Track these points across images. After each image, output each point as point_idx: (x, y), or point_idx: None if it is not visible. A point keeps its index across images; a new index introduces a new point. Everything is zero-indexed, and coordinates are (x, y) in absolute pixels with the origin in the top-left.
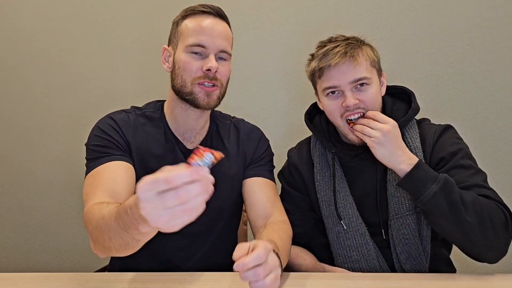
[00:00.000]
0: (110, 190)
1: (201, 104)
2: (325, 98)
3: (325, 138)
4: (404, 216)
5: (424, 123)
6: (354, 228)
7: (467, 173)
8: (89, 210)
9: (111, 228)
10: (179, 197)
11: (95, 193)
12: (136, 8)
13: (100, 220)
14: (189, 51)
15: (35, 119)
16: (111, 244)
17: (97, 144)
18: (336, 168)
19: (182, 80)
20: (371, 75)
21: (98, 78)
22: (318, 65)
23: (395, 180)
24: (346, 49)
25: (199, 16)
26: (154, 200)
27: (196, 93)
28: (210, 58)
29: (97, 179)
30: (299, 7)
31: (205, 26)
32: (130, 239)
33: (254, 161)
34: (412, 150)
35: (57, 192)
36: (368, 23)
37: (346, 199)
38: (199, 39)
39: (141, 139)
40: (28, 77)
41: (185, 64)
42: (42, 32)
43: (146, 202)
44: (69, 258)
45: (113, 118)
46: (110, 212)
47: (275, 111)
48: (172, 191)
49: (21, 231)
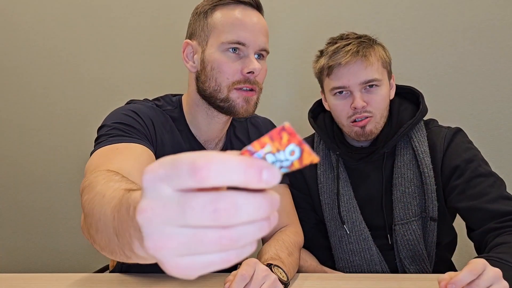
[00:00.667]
0: (128, 170)
1: (240, 112)
2: (333, 97)
3: (329, 139)
4: (410, 222)
5: (432, 125)
6: (357, 233)
7: (488, 183)
8: (91, 176)
9: (103, 217)
10: (217, 210)
11: (97, 164)
12: (137, 4)
13: (98, 196)
14: (226, 49)
15: (35, 119)
16: (96, 237)
17: (119, 122)
18: (340, 170)
19: (216, 84)
20: (382, 77)
21: (98, 77)
22: (327, 62)
23: (401, 185)
24: (358, 48)
25: (236, 7)
26: (167, 202)
27: (233, 99)
28: (251, 59)
29: (104, 154)
30: (299, 6)
31: (245, 20)
32: (118, 249)
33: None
34: (419, 155)
35: (57, 192)
36: (368, 23)
37: (349, 202)
38: (238, 35)
39: (165, 139)
40: (28, 77)
41: (221, 65)
42: (41, 31)
43: (150, 202)
44: (69, 258)
45: (141, 107)
46: (113, 194)
47: (275, 110)
48: (205, 194)
49: (21, 231)
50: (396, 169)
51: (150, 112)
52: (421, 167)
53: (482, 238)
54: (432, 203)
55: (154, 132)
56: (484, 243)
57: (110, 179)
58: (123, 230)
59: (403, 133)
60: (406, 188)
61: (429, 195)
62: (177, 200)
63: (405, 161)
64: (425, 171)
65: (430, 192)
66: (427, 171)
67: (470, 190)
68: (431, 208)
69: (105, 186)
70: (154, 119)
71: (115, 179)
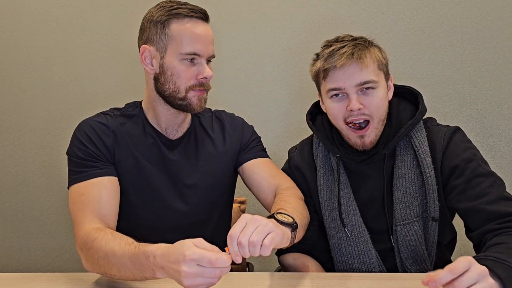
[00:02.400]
0: (97, 213)
1: (195, 109)
2: (329, 100)
3: (328, 141)
4: (411, 223)
5: (431, 124)
6: (356, 236)
7: (488, 183)
8: (90, 237)
9: (123, 265)
10: (215, 274)
11: (84, 215)
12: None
13: (110, 254)
14: (183, 58)
15: (35, 119)
16: (118, 275)
17: (77, 156)
18: (340, 173)
19: (175, 87)
20: (378, 79)
21: (96, 77)
22: (323, 65)
23: (402, 185)
24: (353, 50)
25: (190, 21)
26: (194, 269)
27: (190, 98)
28: (204, 66)
29: (82, 201)
30: (299, 7)
31: (200, 34)
32: (140, 277)
33: (244, 147)
34: (420, 155)
35: (57, 192)
36: (368, 23)
37: (349, 205)
38: (195, 48)
39: (122, 139)
40: (27, 78)
41: (180, 72)
42: (39, 32)
43: (187, 268)
44: (69, 258)
45: (91, 125)
46: (122, 249)
47: (275, 111)
48: (212, 269)
49: (21, 231)
50: (397, 170)
51: (99, 127)
52: (422, 167)
53: (480, 239)
54: (434, 203)
55: (104, 143)
56: (483, 243)
57: (107, 240)
58: (147, 268)
59: (403, 133)
60: (407, 188)
61: (430, 195)
62: (200, 269)
63: (405, 161)
64: (426, 171)
65: (431, 192)
66: (428, 171)
67: (470, 191)
68: (433, 208)
69: (109, 246)
70: (103, 131)
71: (112, 239)
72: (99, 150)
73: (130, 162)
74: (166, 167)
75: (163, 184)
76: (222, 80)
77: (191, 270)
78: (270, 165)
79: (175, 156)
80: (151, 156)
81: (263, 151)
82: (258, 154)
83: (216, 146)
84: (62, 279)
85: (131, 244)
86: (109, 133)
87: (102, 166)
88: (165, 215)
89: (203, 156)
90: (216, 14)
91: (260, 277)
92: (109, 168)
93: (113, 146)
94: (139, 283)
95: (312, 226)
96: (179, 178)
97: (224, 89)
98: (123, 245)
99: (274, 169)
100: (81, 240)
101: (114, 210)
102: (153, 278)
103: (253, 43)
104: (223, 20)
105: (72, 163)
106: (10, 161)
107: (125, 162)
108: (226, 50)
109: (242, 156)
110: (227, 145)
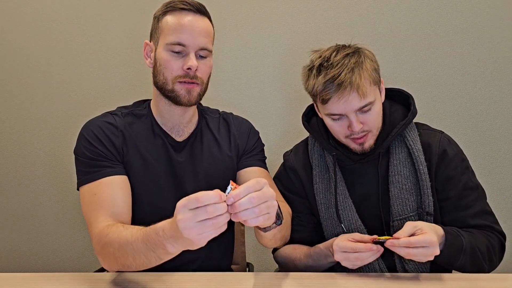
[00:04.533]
0: (110, 211)
1: (182, 101)
2: (328, 119)
3: (324, 141)
4: (408, 218)
5: (422, 128)
6: (353, 231)
7: (474, 195)
8: (103, 233)
9: (136, 249)
10: (207, 212)
11: (97, 215)
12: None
13: (124, 243)
14: (169, 49)
15: (35, 119)
16: (134, 263)
17: (86, 156)
18: (336, 171)
19: (164, 78)
20: (375, 96)
21: (99, 78)
22: (320, 95)
23: (398, 181)
24: (351, 77)
25: (179, 13)
26: (188, 214)
27: (177, 90)
28: (190, 57)
29: (94, 201)
30: (298, 7)
31: (185, 24)
32: (154, 258)
33: (246, 152)
34: (414, 153)
35: (57, 192)
36: (367, 23)
37: (345, 201)
38: (179, 37)
39: (131, 139)
40: (27, 78)
41: (166, 63)
42: (39, 32)
43: (181, 215)
44: (69, 258)
45: (99, 125)
46: (134, 234)
47: (274, 111)
48: (202, 207)
49: (21, 231)
50: (392, 167)
51: (106, 127)
52: (416, 164)
53: None
54: (428, 198)
55: (113, 143)
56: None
57: (120, 231)
58: (158, 243)
59: (396, 133)
60: (403, 184)
61: (424, 190)
62: (191, 212)
63: (400, 159)
64: (420, 168)
65: (425, 188)
66: (422, 168)
67: (458, 202)
68: (427, 203)
69: (122, 235)
70: (111, 132)
71: (123, 230)
72: (108, 149)
73: (139, 163)
74: (173, 169)
75: (170, 186)
76: (222, 80)
77: (184, 216)
78: (266, 177)
79: (182, 158)
80: (159, 158)
81: (261, 161)
82: (257, 163)
83: (222, 149)
84: (63, 279)
85: (142, 229)
86: (118, 134)
87: (113, 165)
88: (171, 216)
89: (208, 159)
90: (216, 14)
91: (260, 277)
92: (120, 167)
93: (122, 146)
94: (141, 282)
95: (306, 228)
96: (185, 180)
97: (223, 89)
98: (134, 232)
99: (268, 182)
100: (95, 239)
101: (128, 208)
102: (166, 256)
103: (253, 44)
104: (223, 20)
105: (80, 163)
106: (10, 161)
107: (133, 163)
108: (226, 50)
109: (242, 161)
110: (233, 148)
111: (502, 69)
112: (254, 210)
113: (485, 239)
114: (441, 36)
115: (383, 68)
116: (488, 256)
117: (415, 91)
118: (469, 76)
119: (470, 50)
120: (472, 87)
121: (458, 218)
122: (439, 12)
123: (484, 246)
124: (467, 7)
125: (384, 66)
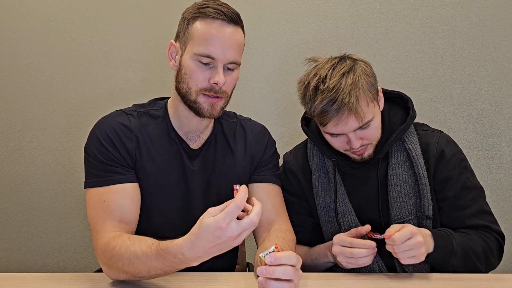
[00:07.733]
0: (118, 220)
1: (205, 115)
2: (327, 135)
3: (324, 146)
4: (406, 221)
5: (421, 128)
6: None
7: (472, 195)
8: (109, 246)
9: (152, 267)
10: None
11: (105, 224)
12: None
13: (134, 258)
14: (197, 59)
15: (36, 119)
16: (148, 275)
17: (97, 158)
18: (335, 175)
19: (188, 87)
20: (373, 113)
21: (99, 78)
22: (318, 119)
23: (397, 185)
24: (348, 101)
25: (212, 22)
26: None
27: (200, 103)
28: (218, 71)
29: (103, 208)
30: (298, 7)
31: (218, 36)
32: (172, 270)
33: (262, 164)
34: (413, 157)
35: (57, 192)
36: (367, 23)
37: (345, 205)
38: (208, 50)
39: (145, 144)
40: (27, 78)
41: (192, 73)
42: (39, 32)
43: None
44: (69, 258)
45: (113, 126)
46: (145, 252)
47: (274, 111)
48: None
49: (21, 231)
50: (391, 171)
51: (120, 129)
52: (416, 168)
53: None
54: (428, 202)
55: (126, 146)
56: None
57: (128, 245)
58: (178, 265)
59: (395, 138)
60: (402, 188)
61: (424, 194)
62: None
63: (399, 163)
64: (420, 172)
65: (425, 192)
66: (422, 172)
67: (456, 201)
68: (427, 207)
69: (130, 251)
70: (124, 134)
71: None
72: (121, 154)
73: (151, 169)
74: (185, 176)
75: (180, 195)
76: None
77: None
78: (278, 196)
79: (195, 166)
80: (173, 164)
81: (275, 176)
82: (271, 179)
83: (236, 158)
84: (62, 279)
85: (152, 246)
86: (132, 137)
87: (124, 172)
88: (180, 225)
89: (220, 168)
90: None
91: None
92: (131, 174)
93: (135, 151)
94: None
95: (305, 229)
96: (195, 189)
97: None
98: (144, 248)
99: (279, 203)
100: (100, 250)
101: (135, 218)
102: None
103: (252, 44)
104: None
105: (91, 164)
106: (10, 161)
107: (146, 169)
108: None
109: (255, 174)
110: (248, 158)
111: (502, 69)
112: (284, 285)
113: (481, 240)
114: (441, 36)
115: (383, 68)
116: (484, 257)
117: (415, 91)
118: (469, 76)
119: (470, 50)
120: (472, 87)
121: (455, 219)
122: (439, 12)
123: (479, 247)
124: (467, 7)
125: (384, 66)
